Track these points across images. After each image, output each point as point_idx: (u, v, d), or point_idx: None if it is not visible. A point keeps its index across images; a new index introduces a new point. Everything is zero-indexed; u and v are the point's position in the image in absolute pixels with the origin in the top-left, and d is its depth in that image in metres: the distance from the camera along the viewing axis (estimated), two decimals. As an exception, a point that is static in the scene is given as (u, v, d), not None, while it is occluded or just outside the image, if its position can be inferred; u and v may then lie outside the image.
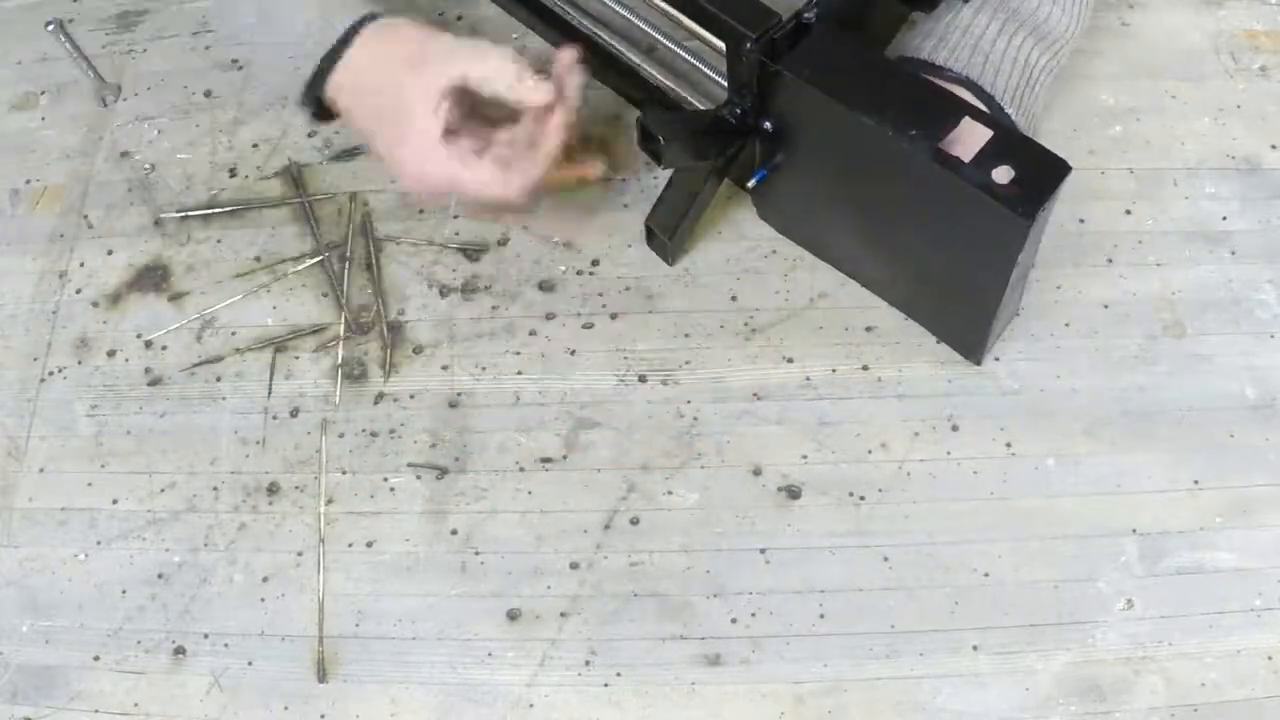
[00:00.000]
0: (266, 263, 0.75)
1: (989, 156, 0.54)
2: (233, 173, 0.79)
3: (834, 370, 0.69)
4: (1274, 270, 0.70)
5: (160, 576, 0.66)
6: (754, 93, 0.62)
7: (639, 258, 0.73)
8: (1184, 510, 0.64)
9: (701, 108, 0.73)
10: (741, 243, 0.73)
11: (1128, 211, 0.73)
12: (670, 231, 0.70)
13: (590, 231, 0.72)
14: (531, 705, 0.61)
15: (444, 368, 0.71)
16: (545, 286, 0.73)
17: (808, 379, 0.69)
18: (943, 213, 0.58)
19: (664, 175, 0.72)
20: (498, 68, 0.61)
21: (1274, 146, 0.75)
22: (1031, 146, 0.55)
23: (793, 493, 0.66)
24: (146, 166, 0.80)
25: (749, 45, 0.60)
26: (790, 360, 0.69)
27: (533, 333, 0.71)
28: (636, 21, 0.73)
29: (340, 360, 0.72)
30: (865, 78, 0.58)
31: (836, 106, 0.58)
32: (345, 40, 0.63)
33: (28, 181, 0.81)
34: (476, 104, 0.63)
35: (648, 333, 0.71)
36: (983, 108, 0.65)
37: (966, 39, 0.67)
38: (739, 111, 0.64)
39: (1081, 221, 0.72)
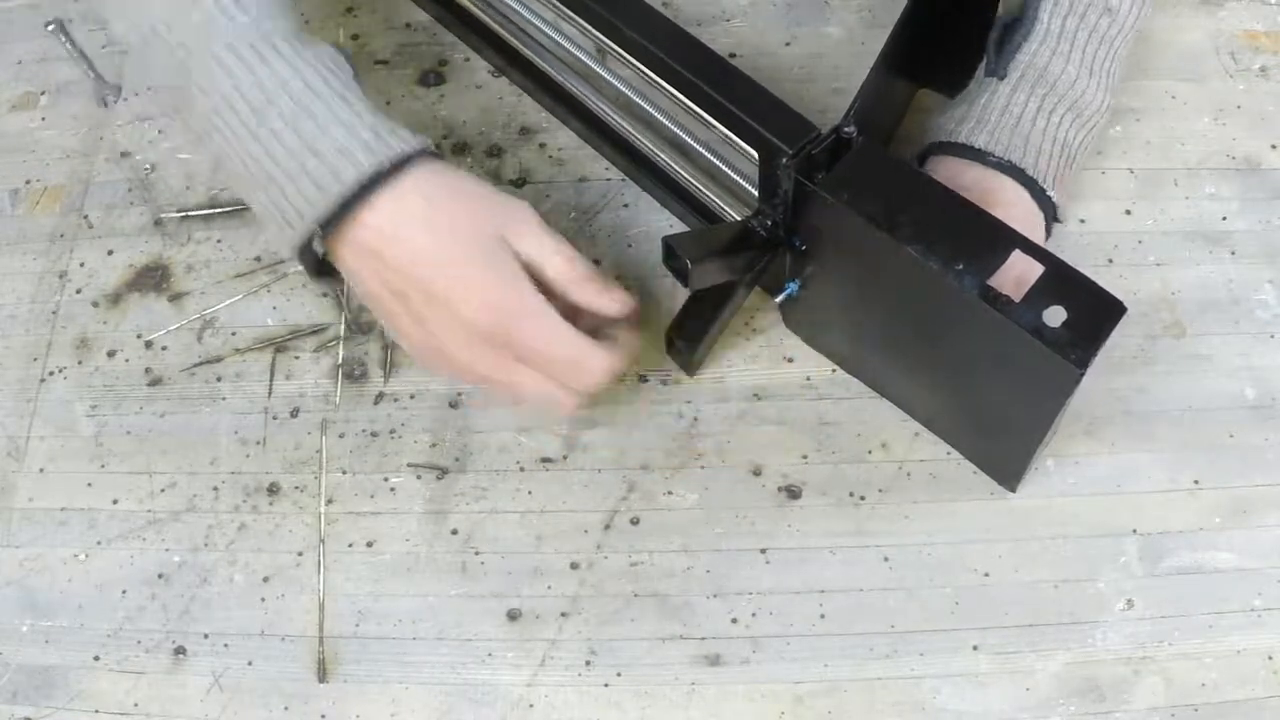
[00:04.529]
0: (266, 263, 0.75)
1: (1040, 295, 0.52)
2: (233, 173, 0.79)
3: (834, 370, 0.69)
4: (1274, 270, 0.70)
5: (160, 576, 0.66)
6: (787, 206, 0.59)
7: (639, 257, 0.73)
8: (1184, 510, 0.64)
9: (731, 213, 0.69)
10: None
11: (1128, 211, 0.73)
12: (694, 345, 0.66)
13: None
14: (531, 705, 0.61)
15: (444, 368, 0.71)
16: (545, 286, 0.73)
17: (808, 379, 0.69)
18: (988, 350, 0.55)
19: None
20: (580, 269, 0.59)
21: (1274, 146, 0.75)
22: (1084, 284, 0.52)
23: (793, 493, 0.66)
24: (146, 166, 0.80)
25: (784, 161, 0.56)
26: (790, 360, 0.69)
27: (533, 333, 0.71)
28: (665, 121, 0.70)
29: (340, 360, 0.72)
30: (909, 202, 0.55)
31: (878, 234, 0.54)
32: (373, 185, 0.55)
33: (28, 181, 0.81)
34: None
35: (648, 333, 0.70)
36: (1029, 199, 0.63)
37: (1006, 119, 0.64)
38: (769, 223, 0.61)
39: (1082, 221, 0.72)
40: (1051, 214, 0.65)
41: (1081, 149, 0.67)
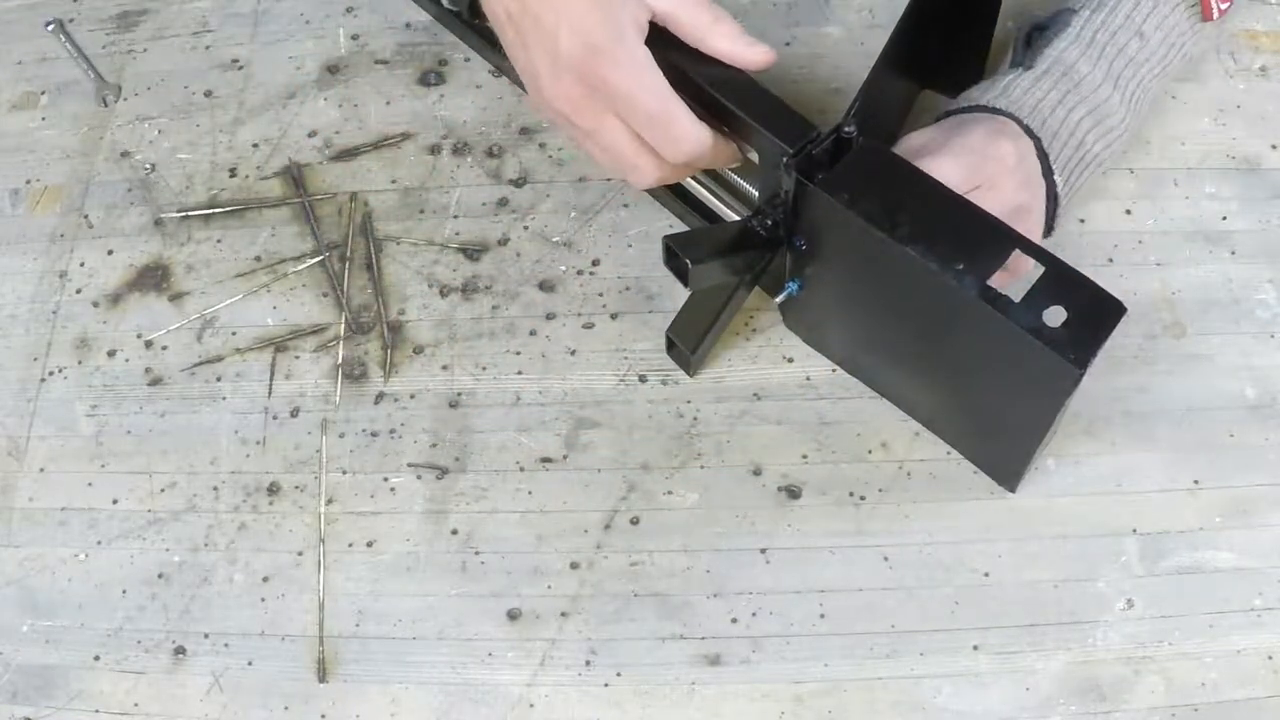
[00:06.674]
0: (266, 263, 0.75)
1: (1040, 295, 0.52)
2: (233, 173, 0.79)
3: (834, 370, 0.69)
4: (1274, 270, 0.70)
5: (160, 576, 0.66)
6: (787, 206, 0.59)
7: (639, 257, 0.73)
8: (1184, 510, 0.64)
9: (731, 213, 0.69)
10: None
11: (1128, 211, 0.73)
12: (694, 345, 0.66)
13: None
14: (532, 705, 0.61)
15: (444, 368, 0.71)
16: (545, 286, 0.73)
17: (808, 379, 0.69)
18: (988, 350, 0.55)
19: None
20: (718, 13, 0.57)
21: (1274, 146, 0.75)
22: (1084, 284, 0.52)
23: (793, 493, 0.66)
24: (146, 166, 0.80)
25: (785, 160, 0.56)
26: (790, 360, 0.69)
27: (533, 333, 0.71)
28: None
29: (340, 360, 0.72)
30: (909, 201, 0.54)
31: (878, 234, 0.54)
32: None
33: (28, 181, 0.81)
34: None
35: (648, 333, 0.71)
36: (1039, 169, 0.63)
37: (1029, 99, 0.64)
38: (769, 223, 0.60)
39: (1081, 221, 0.72)
40: (1054, 207, 0.65)
41: (1097, 160, 0.66)
